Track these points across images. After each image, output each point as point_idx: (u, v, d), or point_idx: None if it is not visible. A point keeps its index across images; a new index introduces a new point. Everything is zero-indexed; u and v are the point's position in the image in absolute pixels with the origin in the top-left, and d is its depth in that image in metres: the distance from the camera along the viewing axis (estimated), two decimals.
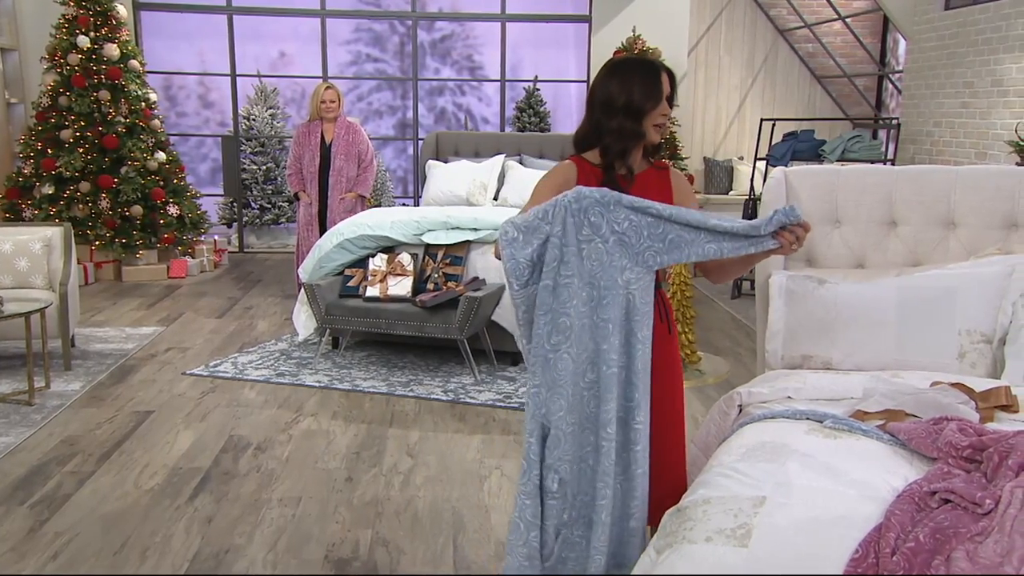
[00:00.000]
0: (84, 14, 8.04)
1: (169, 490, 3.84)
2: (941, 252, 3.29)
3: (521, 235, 2.29)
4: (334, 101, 6.52)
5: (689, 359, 5.48)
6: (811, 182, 3.43)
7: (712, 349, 6.04)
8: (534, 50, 10.05)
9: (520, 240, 2.29)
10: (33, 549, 3.33)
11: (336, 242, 5.59)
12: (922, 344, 2.99)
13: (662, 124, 2.51)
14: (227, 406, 4.90)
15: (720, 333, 6.59)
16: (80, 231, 7.95)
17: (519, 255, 2.29)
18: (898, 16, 9.08)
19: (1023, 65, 7.24)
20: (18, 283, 5.61)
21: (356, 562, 3.23)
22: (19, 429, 4.50)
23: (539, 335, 2.31)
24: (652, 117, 2.47)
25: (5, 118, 8.60)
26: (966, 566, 1.75)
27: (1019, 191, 3.22)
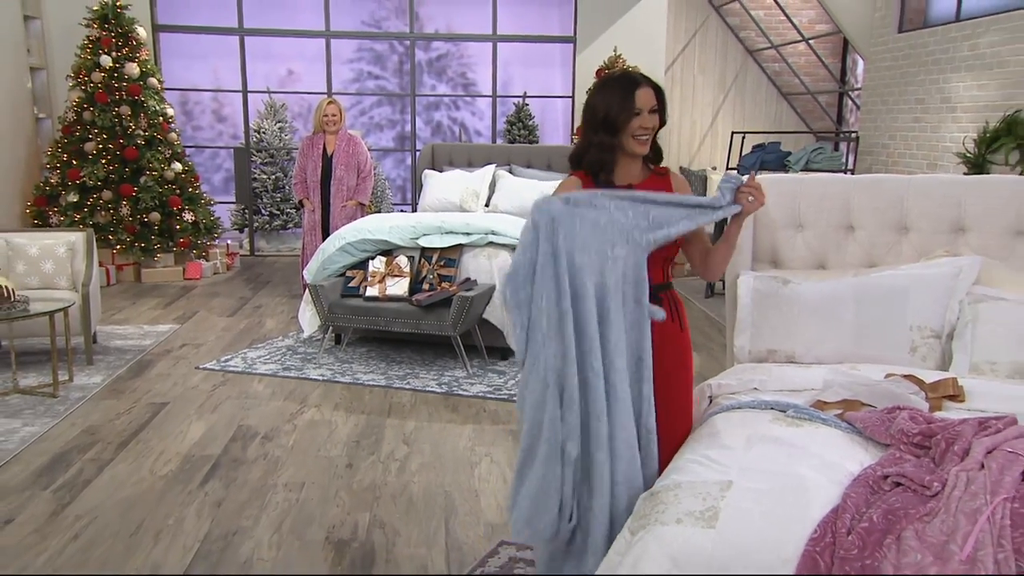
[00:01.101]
0: (107, 36, 8.04)
1: (182, 476, 3.82)
2: (894, 254, 3.29)
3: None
4: (335, 115, 6.51)
5: None
6: (776, 190, 3.42)
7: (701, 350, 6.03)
8: (523, 68, 10.04)
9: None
10: (55, 531, 3.31)
11: (338, 245, 5.57)
12: (877, 339, 2.99)
13: (642, 135, 2.43)
14: (236, 398, 4.88)
15: (694, 330, 6.52)
16: (102, 236, 7.97)
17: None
18: (856, 38, 9.10)
19: (969, 84, 7.27)
20: (44, 284, 5.61)
21: (355, 543, 3.22)
22: (44, 419, 4.48)
23: (549, 299, 2.24)
24: (629, 129, 2.41)
25: (34, 131, 8.57)
26: (915, 544, 1.74)
27: (965, 198, 3.22)
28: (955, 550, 1.70)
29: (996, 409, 2.36)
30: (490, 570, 3.00)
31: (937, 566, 1.69)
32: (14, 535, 3.27)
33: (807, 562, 1.80)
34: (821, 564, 1.79)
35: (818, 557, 1.80)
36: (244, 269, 9.05)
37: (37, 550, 3.16)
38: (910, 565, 1.71)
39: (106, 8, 8.07)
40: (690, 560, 1.85)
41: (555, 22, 9.98)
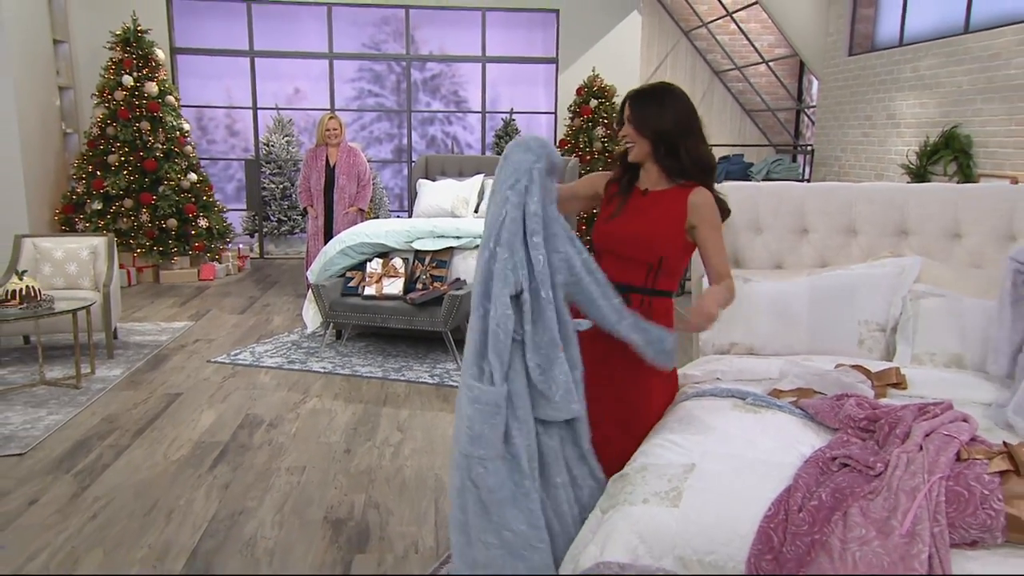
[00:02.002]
0: (128, 57, 8.03)
1: (193, 461, 3.78)
2: (844, 255, 3.29)
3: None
4: (336, 129, 6.48)
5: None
6: (737, 196, 3.41)
7: None
8: (510, 87, 10.03)
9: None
10: (75, 511, 3.27)
11: (339, 248, 5.53)
12: (828, 333, 2.98)
13: (627, 144, 2.41)
14: (245, 389, 4.84)
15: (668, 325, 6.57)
16: (124, 241, 7.98)
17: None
18: (811, 60, 9.13)
19: (911, 102, 7.30)
20: (68, 284, 5.60)
21: (351, 522, 3.19)
22: (67, 409, 4.43)
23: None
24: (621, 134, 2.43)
25: (62, 145, 8.53)
26: (860, 520, 1.73)
27: (907, 205, 3.23)
28: (896, 525, 1.69)
29: (934, 395, 2.36)
30: None
31: (880, 539, 1.68)
32: (38, 515, 3.24)
33: (762, 537, 1.79)
34: (775, 539, 1.78)
35: (772, 533, 1.79)
36: (254, 271, 8.99)
37: (58, 528, 3.13)
38: (855, 539, 1.70)
39: (128, 32, 8.08)
40: (655, 536, 1.84)
41: (539, 44, 9.97)
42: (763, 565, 1.76)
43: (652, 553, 1.83)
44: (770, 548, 1.77)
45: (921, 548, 1.64)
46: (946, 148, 6.51)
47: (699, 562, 1.81)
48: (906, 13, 7.58)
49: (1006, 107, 6.10)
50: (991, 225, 3.11)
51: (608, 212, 2.47)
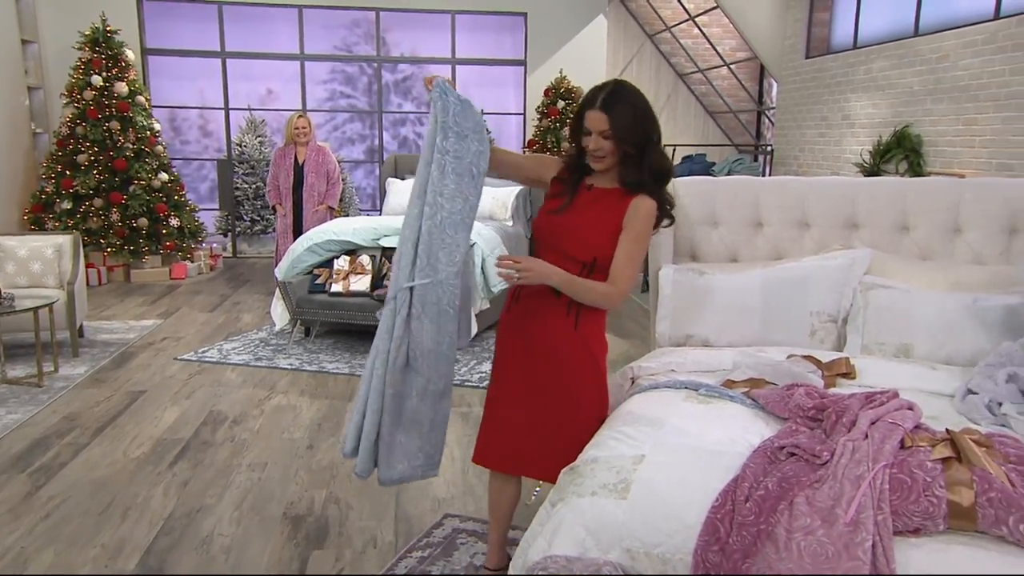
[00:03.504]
0: (98, 57, 7.86)
1: (153, 458, 3.67)
2: (797, 248, 3.25)
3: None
4: (305, 128, 6.37)
5: None
6: (695, 191, 3.36)
7: (622, 333, 5.98)
8: (480, 88, 9.95)
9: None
10: (28, 510, 3.15)
11: (306, 246, 5.43)
12: (781, 324, 2.93)
13: (594, 153, 2.25)
14: (210, 386, 4.71)
15: (630, 320, 6.55)
16: (94, 240, 7.83)
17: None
18: (770, 64, 9.15)
19: (865, 103, 7.33)
20: (32, 283, 5.45)
21: (310, 517, 3.09)
22: (27, 407, 4.29)
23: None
24: (585, 146, 2.26)
25: (31, 145, 8.37)
26: (806, 509, 1.68)
27: (857, 198, 3.19)
28: (840, 513, 1.63)
29: (882, 385, 2.32)
30: (435, 539, 2.89)
31: (824, 528, 1.62)
32: None
33: (708, 528, 1.73)
34: (721, 530, 1.72)
35: (719, 523, 1.73)
36: (226, 269, 8.82)
37: (9, 528, 3.01)
38: (800, 528, 1.64)
39: (97, 32, 7.91)
40: (603, 529, 1.77)
41: (508, 47, 9.90)
42: (710, 556, 1.70)
43: (600, 546, 1.76)
44: (717, 539, 1.71)
45: (865, 536, 1.58)
46: (898, 147, 6.54)
47: (647, 554, 1.75)
48: (859, 17, 7.61)
49: (954, 107, 6.14)
50: (938, 218, 3.08)
51: (553, 207, 2.37)
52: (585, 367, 2.39)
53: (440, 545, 2.84)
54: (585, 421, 2.37)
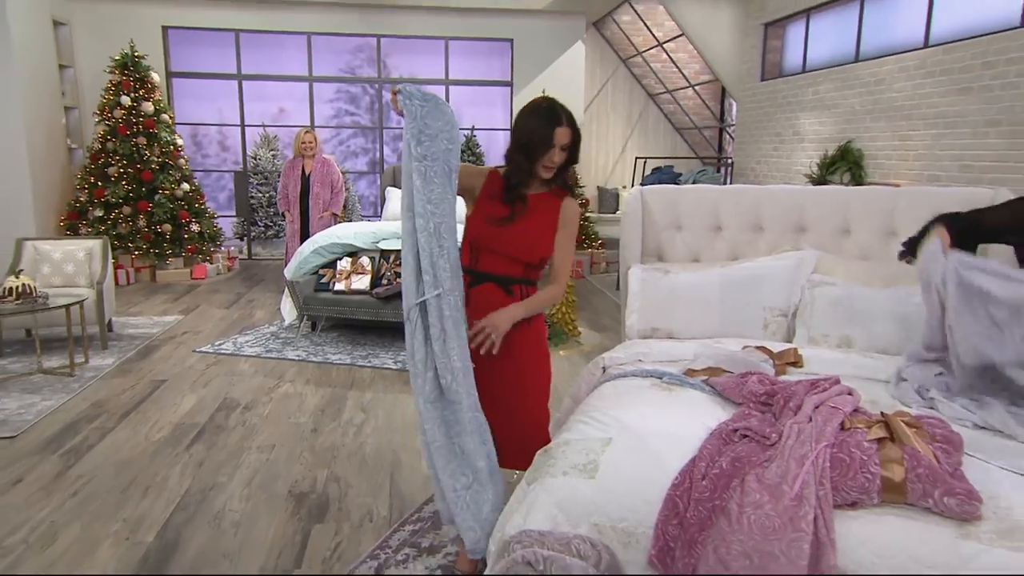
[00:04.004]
0: (127, 80, 7.79)
1: (171, 441, 3.61)
2: (752, 249, 3.23)
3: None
4: (311, 142, 6.29)
5: (571, 334, 5.38)
6: (660, 198, 3.34)
7: (597, 327, 5.95)
8: (471, 107, 9.88)
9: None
10: (58, 488, 3.10)
11: (312, 248, 5.36)
12: (737, 318, 2.92)
13: (550, 168, 2.21)
14: (225, 375, 4.65)
15: (605, 315, 6.51)
16: (123, 244, 7.76)
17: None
18: (730, 85, 9.13)
19: (813, 121, 7.33)
20: (65, 283, 5.38)
21: (312, 495, 3.05)
22: (60, 395, 4.22)
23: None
24: (542, 160, 2.19)
25: (67, 159, 8.27)
26: (755, 486, 1.65)
27: (805, 205, 3.18)
28: (787, 489, 1.61)
29: (826, 372, 2.30)
30: (425, 515, 2.85)
31: (772, 503, 1.60)
32: (22, 493, 3.06)
33: (668, 504, 1.70)
34: (680, 505, 1.69)
35: (678, 500, 1.70)
36: (242, 270, 8.73)
37: (40, 505, 2.95)
38: (751, 504, 1.62)
39: (126, 58, 7.85)
40: (573, 506, 1.74)
41: (496, 69, 9.85)
42: (669, 529, 1.67)
43: (570, 521, 1.73)
44: (676, 514, 1.68)
45: (808, 510, 1.56)
46: (842, 160, 6.54)
47: (612, 528, 1.72)
48: (808, 45, 7.61)
49: (890, 125, 6.14)
50: (875, 223, 3.07)
51: (493, 215, 2.25)
52: (530, 338, 2.36)
53: (429, 519, 2.81)
54: (534, 388, 2.37)
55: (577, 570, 1.61)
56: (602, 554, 1.67)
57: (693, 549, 1.60)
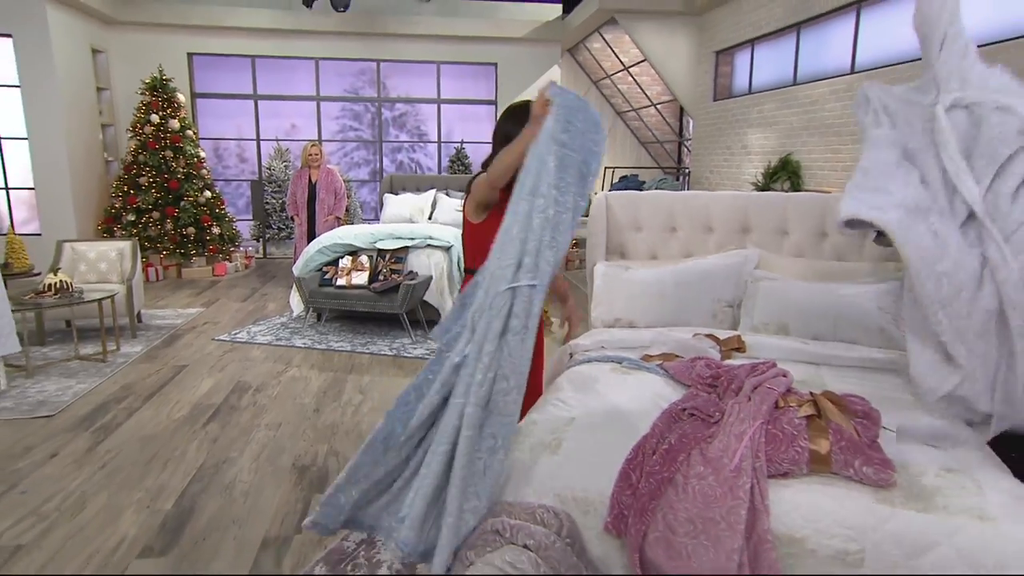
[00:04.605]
0: (155, 100, 7.69)
1: (190, 419, 3.53)
2: (703, 248, 3.20)
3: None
4: (317, 154, 6.19)
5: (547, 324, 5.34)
6: (623, 202, 3.30)
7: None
8: (460, 122, 9.80)
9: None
10: (89, 461, 3.03)
11: (317, 248, 5.27)
12: (689, 308, 2.88)
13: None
14: (239, 361, 4.56)
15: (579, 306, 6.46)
16: (153, 245, 7.65)
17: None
18: (687, 104, 9.10)
19: (758, 136, 7.31)
20: (99, 279, 5.31)
21: (313, 467, 2.99)
22: (93, 379, 4.13)
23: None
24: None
25: (104, 170, 8.18)
26: (700, 460, 1.61)
27: (749, 209, 3.15)
28: (727, 462, 1.57)
29: (765, 356, 2.27)
30: None
31: (714, 475, 1.56)
32: (57, 465, 2.99)
33: (623, 476, 1.65)
34: (633, 477, 1.65)
35: (631, 472, 1.66)
36: (258, 268, 8.60)
37: (72, 476, 2.88)
38: (695, 475, 1.58)
39: (155, 81, 7.74)
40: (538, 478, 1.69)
41: (482, 90, 9.76)
42: (623, 499, 1.63)
43: (536, 492, 1.69)
44: (629, 485, 1.64)
45: (745, 480, 1.53)
46: (782, 170, 6.53)
47: (573, 498, 1.67)
48: (753, 70, 7.59)
49: (823, 140, 6.13)
50: (809, 225, 3.04)
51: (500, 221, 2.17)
52: (540, 331, 2.29)
53: None
54: (534, 378, 2.29)
55: (540, 536, 1.57)
56: (563, 521, 1.62)
57: (644, 516, 1.56)
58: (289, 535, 2.45)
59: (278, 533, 2.47)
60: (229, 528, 2.50)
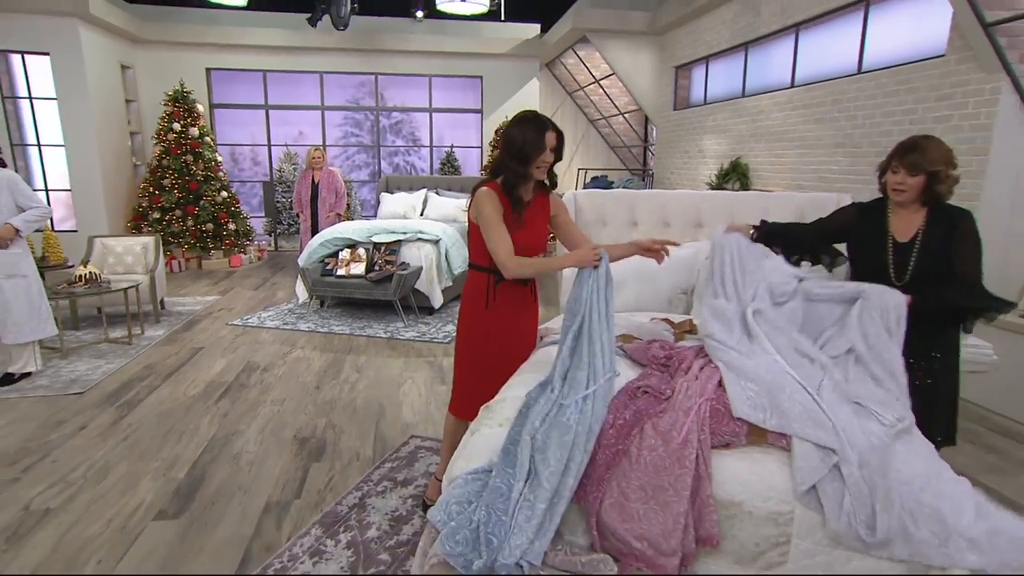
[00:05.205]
0: (177, 110, 7.45)
1: (203, 396, 3.44)
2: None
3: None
4: (320, 157, 6.03)
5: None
6: (591, 200, 3.24)
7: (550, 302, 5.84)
8: (450, 129, 9.63)
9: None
10: (112, 434, 2.94)
11: (320, 241, 5.15)
12: (648, 296, 2.83)
13: (543, 167, 2.00)
14: (249, 344, 4.46)
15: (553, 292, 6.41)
16: (176, 240, 7.46)
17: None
18: (651, 113, 9.01)
19: (712, 142, 7.25)
20: (126, 271, 5.16)
21: (312, 439, 2.92)
22: (120, 360, 4.03)
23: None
24: (536, 161, 1.97)
25: (132, 174, 7.96)
26: (651, 433, 1.56)
27: (701, 206, 3.09)
28: (675, 436, 1.52)
29: None
30: (402, 454, 2.74)
31: (664, 447, 1.51)
32: (85, 437, 2.91)
33: None
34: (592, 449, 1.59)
35: None
36: (270, 260, 8.42)
37: (98, 447, 2.80)
38: (647, 447, 1.53)
39: (177, 93, 7.51)
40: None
41: (470, 99, 9.59)
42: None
43: None
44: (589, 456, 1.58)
45: (691, 451, 1.48)
46: (733, 172, 6.48)
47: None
48: (707, 83, 7.52)
49: (768, 146, 6.09)
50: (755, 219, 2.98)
51: (512, 227, 2.03)
52: (536, 330, 2.27)
53: (405, 458, 2.69)
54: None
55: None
56: None
57: (600, 484, 1.51)
58: (289, 500, 2.39)
59: (279, 498, 2.40)
60: (235, 494, 2.43)
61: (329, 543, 2.09)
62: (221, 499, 2.40)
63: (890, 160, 2.04)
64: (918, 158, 1.96)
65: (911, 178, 1.98)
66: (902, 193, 2.01)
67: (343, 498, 2.37)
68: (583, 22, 7.97)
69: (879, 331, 1.81)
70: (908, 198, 2.01)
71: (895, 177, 2.01)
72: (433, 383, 3.59)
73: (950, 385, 2.05)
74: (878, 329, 1.81)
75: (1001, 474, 2.63)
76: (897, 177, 2.01)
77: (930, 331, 1.96)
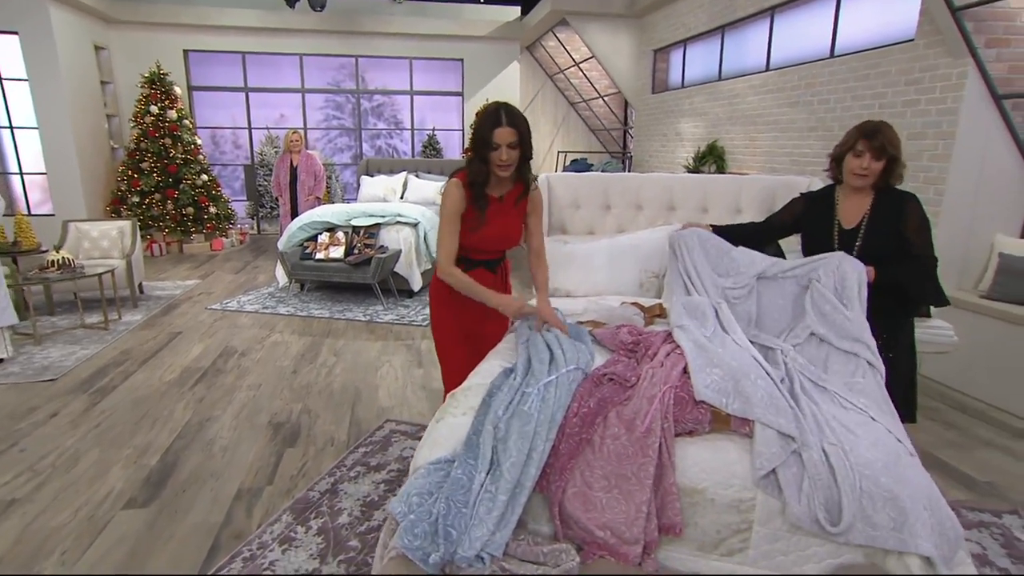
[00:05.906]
0: (154, 93, 7.16)
1: (179, 382, 3.33)
2: (634, 224, 3.07)
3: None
4: (298, 140, 5.83)
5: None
6: (565, 184, 3.14)
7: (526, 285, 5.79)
8: (432, 112, 9.40)
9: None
10: (84, 421, 2.83)
11: (299, 225, 5.00)
12: (620, 279, 2.76)
13: (501, 164, 1.84)
14: (228, 328, 4.33)
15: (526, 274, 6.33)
16: (156, 223, 7.21)
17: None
18: (630, 97, 8.87)
19: (689, 125, 7.16)
20: (102, 255, 4.97)
21: (287, 424, 2.84)
22: (95, 345, 3.88)
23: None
24: (492, 158, 1.83)
25: (110, 157, 7.64)
26: (615, 421, 1.51)
27: (674, 188, 3.02)
28: (639, 424, 1.47)
29: None
30: (376, 439, 2.67)
31: (627, 435, 1.46)
32: (56, 425, 2.79)
33: None
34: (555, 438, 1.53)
35: None
36: (252, 243, 8.21)
37: (69, 435, 2.69)
38: (610, 436, 1.47)
39: (154, 75, 7.21)
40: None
41: (450, 82, 9.35)
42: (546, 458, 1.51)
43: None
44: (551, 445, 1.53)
45: (654, 440, 1.43)
46: (709, 155, 6.41)
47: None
48: (685, 66, 7.39)
49: (743, 129, 6.02)
50: (726, 202, 2.93)
51: (470, 224, 1.94)
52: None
53: (379, 443, 2.63)
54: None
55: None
56: None
57: (563, 474, 1.46)
58: (261, 487, 2.31)
59: (251, 485, 2.33)
60: (207, 481, 2.35)
61: (299, 530, 2.03)
62: (192, 486, 2.32)
63: (853, 144, 1.98)
64: (884, 141, 1.91)
65: (875, 162, 1.93)
66: (864, 178, 1.96)
67: (315, 484, 2.30)
68: (562, 4, 7.76)
69: (835, 305, 1.79)
70: (869, 182, 1.96)
71: (859, 161, 1.96)
72: (410, 367, 3.51)
73: (907, 363, 2.03)
74: (834, 304, 1.79)
75: (959, 449, 2.64)
76: (862, 161, 1.95)
77: (884, 309, 1.94)
